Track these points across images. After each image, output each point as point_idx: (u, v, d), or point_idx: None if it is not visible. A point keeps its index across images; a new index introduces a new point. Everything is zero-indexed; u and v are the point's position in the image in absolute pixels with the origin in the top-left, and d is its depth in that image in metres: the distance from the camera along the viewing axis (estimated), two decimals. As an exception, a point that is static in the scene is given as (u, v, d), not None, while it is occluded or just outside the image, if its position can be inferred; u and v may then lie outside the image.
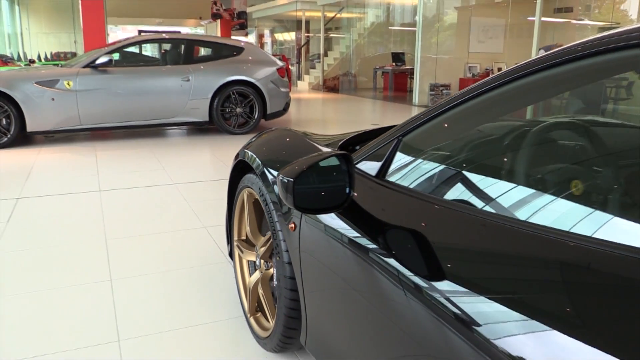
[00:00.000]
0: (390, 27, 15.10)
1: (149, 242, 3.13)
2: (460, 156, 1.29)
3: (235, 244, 2.19)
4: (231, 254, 2.28)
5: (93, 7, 10.39)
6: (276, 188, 1.67)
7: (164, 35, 8.28)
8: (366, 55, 16.45)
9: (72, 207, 3.86)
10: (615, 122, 1.59)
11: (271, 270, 1.89)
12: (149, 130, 7.42)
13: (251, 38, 27.29)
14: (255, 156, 1.84)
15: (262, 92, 7.19)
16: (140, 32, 30.63)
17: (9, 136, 6.06)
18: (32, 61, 14.11)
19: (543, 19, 12.86)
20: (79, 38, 20.22)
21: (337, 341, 1.41)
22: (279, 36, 26.57)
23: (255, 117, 7.21)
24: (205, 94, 6.93)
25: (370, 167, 1.35)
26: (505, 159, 1.29)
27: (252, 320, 2.04)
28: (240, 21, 28.69)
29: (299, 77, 18.59)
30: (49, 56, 18.07)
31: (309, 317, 1.56)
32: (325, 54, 17.01)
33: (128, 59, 7.14)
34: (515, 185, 1.13)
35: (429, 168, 1.26)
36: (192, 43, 7.47)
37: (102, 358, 1.93)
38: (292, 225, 1.55)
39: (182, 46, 7.27)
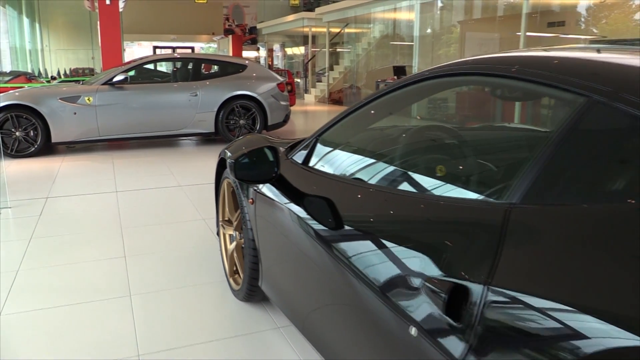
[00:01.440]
0: (392, 42, 15.78)
1: (156, 230, 3.79)
2: (354, 148, 1.93)
3: (220, 223, 2.84)
4: (218, 233, 2.93)
5: (110, 25, 11.20)
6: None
7: (175, 55, 9.02)
8: (370, 68, 17.13)
9: (92, 204, 4.54)
10: (462, 127, 2.21)
11: (242, 240, 2.54)
12: (161, 141, 8.12)
13: (262, 52, 28.16)
14: (229, 153, 2.49)
15: (264, 105, 7.87)
16: (155, 47, 31.72)
17: (36, 146, 6.80)
18: (53, 78, 15.01)
19: (537, 33, 13.47)
20: (96, 54, 21.12)
21: (280, 281, 2.05)
22: (289, 51, 27.36)
23: (257, 128, 7.89)
24: (212, 108, 7.63)
25: (299, 157, 1.99)
26: (387, 149, 1.93)
27: (231, 280, 2.69)
28: (252, 36, 29.60)
29: (306, 90, 19.31)
30: (67, 72, 18.96)
31: (263, 266, 2.20)
32: (331, 68, 17.72)
33: (142, 76, 7.88)
34: (393, 166, 1.75)
35: (334, 157, 1.90)
36: (200, 61, 8.21)
37: (117, 297, 2.58)
38: (251, 200, 2.20)
39: (191, 64, 8.02)
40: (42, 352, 2.18)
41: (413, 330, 1.07)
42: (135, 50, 32.91)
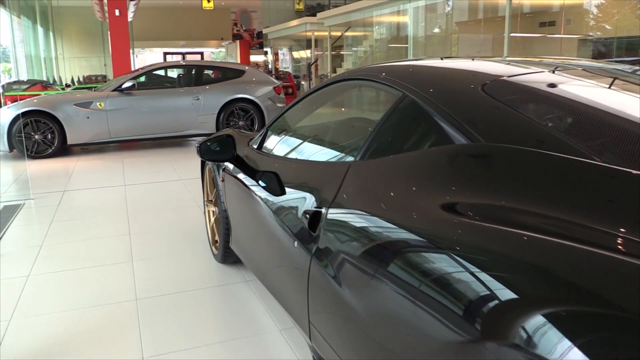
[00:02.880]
0: (390, 45, 16.38)
1: (157, 214, 4.44)
2: (288, 133, 2.55)
3: (205, 203, 3.48)
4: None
5: (120, 35, 11.94)
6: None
7: (180, 62, 9.71)
8: (370, 70, 17.70)
9: (103, 195, 5.22)
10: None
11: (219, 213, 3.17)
12: (166, 142, 8.80)
13: (269, 56, 28.86)
14: (209, 144, 3.12)
15: (261, 107, 8.53)
16: (165, 54, 32.56)
17: (53, 148, 7.50)
18: (67, 85, 15.81)
19: (525, 34, 13.97)
20: (108, 61, 21.88)
21: (242, 238, 2.67)
22: (295, 54, 28.03)
23: (256, 128, 8.53)
24: (213, 110, 8.30)
25: (255, 143, 2.62)
26: (305, 134, 2.54)
27: (212, 247, 3.32)
28: (260, 41, 30.34)
29: (310, 93, 19.93)
30: (81, 79, 19.73)
31: (232, 229, 2.83)
32: (335, 70, 18.36)
33: (148, 82, 8.56)
34: (307, 145, 2.36)
35: (276, 141, 2.53)
36: (202, 68, 8.89)
37: (122, 262, 3.23)
38: (222, 179, 2.83)
39: (194, 71, 8.70)
40: (62, 299, 2.83)
41: (295, 243, 1.70)
42: (147, 56, 33.81)
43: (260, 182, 2.26)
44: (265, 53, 29.78)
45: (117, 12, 11.35)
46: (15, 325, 2.55)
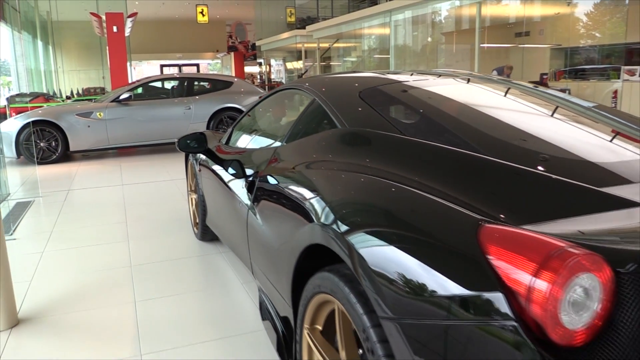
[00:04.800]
0: (375, 55, 17.17)
1: (150, 206, 5.15)
2: (245, 130, 3.26)
3: (188, 192, 4.19)
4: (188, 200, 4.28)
5: (118, 50, 12.69)
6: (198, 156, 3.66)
7: (174, 74, 10.45)
8: (358, 80, 18.48)
9: (103, 193, 5.93)
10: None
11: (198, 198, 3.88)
12: (161, 148, 9.50)
13: (264, 67, 29.64)
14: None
15: (248, 115, 9.25)
16: (162, 66, 33.34)
17: (57, 154, 8.22)
18: (68, 97, 16.55)
19: (498, 44, 14.74)
20: (107, 74, 22.50)
21: (214, 215, 3.38)
22: (289, 65, 28.82)
23: (243, 135, 9.26)
24: (203, 119, 9.02)
25: (224, 139, 3.33)
26: (261, 130, 3.26)
27: (194, 228, 4.04)
28: (254, 52, 31.14)
29: (301, 102, 20.71)
30: (80, 91, 20.40)
31: (207, 208, 3.54)
32: (324, 81, 19.10)
33: (144, 93, 9.29)
34: (256, 139, 3.07)
35: (237, 136, 3.24)
36: (193, 80, 9.63)
37: (119, 242, 3.93)
38: (199, 169, 3.55)
39: (186, 82, 9.44)
40: (71, 267, 3.54)
41: (240, 205, 2.41)
42: (144, 68, 34.64)
43: (225, 167, 2.97)
44: (260, 64, 30.57)
45: (114, 29, 12.11)
46: (35, 284, 3.26)
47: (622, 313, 0.91)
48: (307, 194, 1.72)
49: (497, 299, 0.94)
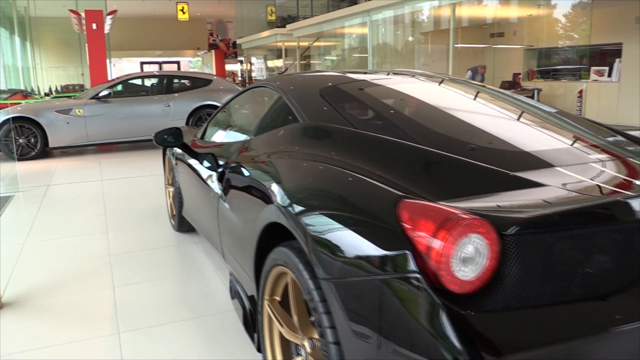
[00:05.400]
0: (354, 54, 17.41)
1: (129, 200, 5.31)
2: (220, 126, 3.45)
3: (165, 185, 4.37)
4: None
5: (97, 47, 12.73)
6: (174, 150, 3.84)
7: (153, 72, 10.56)
8: (337, 79, 18.69)
9: (83, 188, 6.06)
10: None
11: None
12: (140, 144, 9.60)
13: (246, 65, 29.70)
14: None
15: (227, 112, 9.42)
16: (142, 63, 33.19)
17: (36, 151, 8.29)
18: (47, 94, 16.50)
19: (473, 45, 15.08)
20: (85, 71, 22.35)
21: (189, 204, 3.56)
22: (270, 63, 28.93)
23: (222, 132, 9.42)
24: (182, 116, 9.16)
25: (199, 134, 3.52)
26: (233, 125, 3.45)
27: (171, 219, 4.22)
28: (235, 50, 31.18)
29: (281, 100, 20.83)
30: (59, 88, 20.28)
31: (183, 200, 3.72)
32: (304, 79, 19.26)
33: (124, 91, 9.39)
34: (227, 134, 3.27)
35: (210, 132, 3.43)
36: (172, 77, 9.77)
37: (99, 233, 4.09)
38: (176, 163, 3.73)
39: (165, 80, 9.57)
40: (52, 256, 3.69)
41: (212, 194, 2.61)
42: (125, 65, 34.43)
43: (199, 161, 3.16)
44: (241, 62, 30.62)
45: (94, 26, 12.16)
46: (18, 271, 3.41)
47: (506, 267, 1.13)
48: (268, 180, 1.92)
49: (406, 257, 1.16)
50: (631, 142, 2.02)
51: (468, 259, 1.11)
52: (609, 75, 11.75)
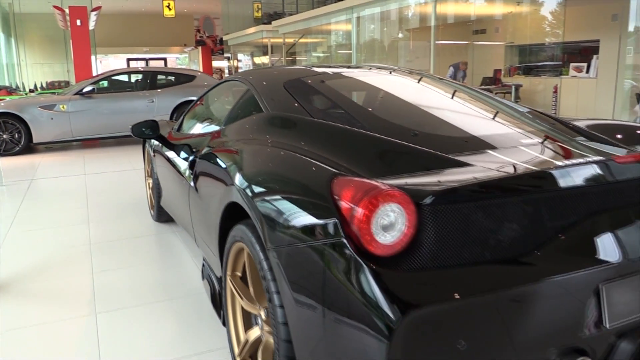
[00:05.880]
0: (339, 51, 17.56)
1: (111, 193, 5.43)
2: (196, 119, 3.59)
3: (145, 177, 4.50)
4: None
5: (81, 43, 12.76)
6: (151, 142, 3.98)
7: (138, 68, 10.66)
8: (323, 75, 18.83)
9: (66, 181, 6.17)
10: None
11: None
12: (124, 140, 9.69)
13: (233, 62, 29.73)
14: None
15: (210, 108, 9.54)
16: (128, 60, 33.07)
17: (20, 146, 8.36)
18: (31, 90, 16.49)
19: (456, 41, 15.29)
20: (71, 67, 22.23)
21: (167, 194, 3.70)
22: (257, 60, 28.98)
23: (205, 127, 9.53)
24: (166, 111, 9.25)
25: (176, 126, 3.66)
26: (207, 117, 3.59)
27: (151, 210, 4.35)
28: (222, 47, 31.19)
29: (268, 96, 20.93)
30: (44, 85, 20.21)
31: (162, 190, 3.86)
32: (290, 75, 19.38)
33: (108, 86, 9.47)
34: (205, 124, 3.41)
35: (186, 124, 3.57)
36: (156, 73, 9.86)
37: (80, 224, 4.21)
38: (154, 154, 3.86)
39: (149, 76, 9.66)
40: (34, 246, 3.82)
41: (184, 182, 2.76)
42: (111, 62, 34.28)
43: (175, 152, 3.31)
44: (228, 59, 30.64)
45: (78, 22, 12.19)
46: (1, 258, 3.53)
47: (423, 233, 1.30)
48: (229, 165, 2.08)
49: (335, 224, 1.32)
50: (569, 129, 2.20)
51: (388, 225, 1.27)
52: (587, 71, 12.01)
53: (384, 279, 1.23)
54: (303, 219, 1.44)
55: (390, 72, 2.89)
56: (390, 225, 1.28)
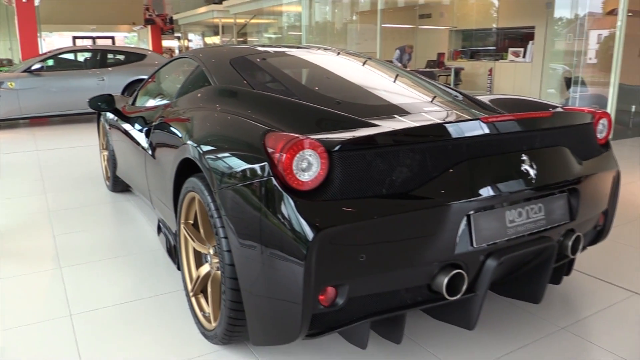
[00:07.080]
0: (290, 32, 17.79)
1: (66, 166, 5.62)
2: (149, 93, 3.87)
3: (100, 150, 4.74)
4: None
5: (27, 20, 12.50)
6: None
7: (87, 46, 10.61)
8: (275, 56, 19.02)
9: (18, 158, 6.29)
10: None
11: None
12: (75, 118, 9.72)
13: (182, 42, 29.38)
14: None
15: (162, 87, 9.68)
16: (74, 38, 32.10)
17: (-34, 124, 8.31)
18: (-27, 68, 15.99)
19: (402, 25, 15.78)
20: (14, 45, 21.53)
21: (123, 164, 3.98)
22: (208, 40, 28.75)
23: (157, 106, 9.68)
24: (117, 90, 9.31)
25: (131, 101, 3.93)
26: (160, 91, 3.89)
27: (106, 181, 4.61)
28: (172, 26, 30.71)
29: (219, 77, 20.95)
30: (-15, 63, 19.52)
31: (117, 161, 4.13)
32: (242, 56, 19.45)
33: (57, 64, 9.45)
34: (159, 98, 3.71)
35: (139, 98, 3.85)
36: (106, 52, 9.89)
37: (37, 194, 4.43)
38: (109, 127, 4.12)
39: (99, 54, 9.69)
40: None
41: (140, 149, 3.07)
42: (55, 40, 33.16)
43: (130, 123, 3.59)
44: (178, 38, 30.23)
45: (23, -1, 11.94)
46: (-38, 225, 3.75)
47: (334, 172, 1.69)
48: (183, 128, 2.42)
49: (264, 167, 1.71)
50: (470, 101, 2.65)
51: (305, 167, 1.66)
52: (524, 56, 12.75)
53: (302, 207, 1.63)
54: (243, 165, 1.82)
55: (325, 51, 3.27)
56: (308, 167, 1.66)
